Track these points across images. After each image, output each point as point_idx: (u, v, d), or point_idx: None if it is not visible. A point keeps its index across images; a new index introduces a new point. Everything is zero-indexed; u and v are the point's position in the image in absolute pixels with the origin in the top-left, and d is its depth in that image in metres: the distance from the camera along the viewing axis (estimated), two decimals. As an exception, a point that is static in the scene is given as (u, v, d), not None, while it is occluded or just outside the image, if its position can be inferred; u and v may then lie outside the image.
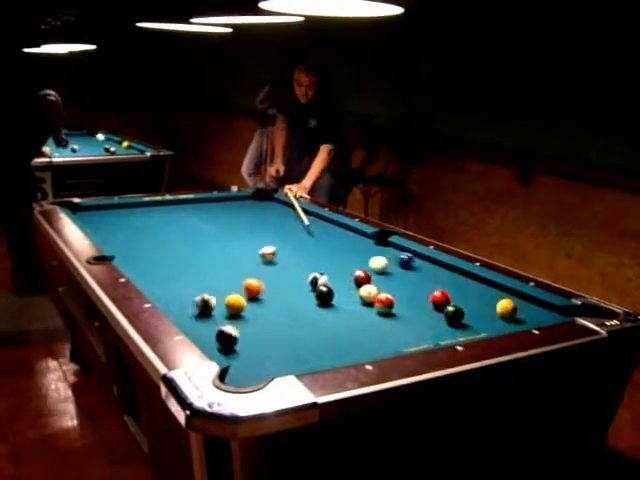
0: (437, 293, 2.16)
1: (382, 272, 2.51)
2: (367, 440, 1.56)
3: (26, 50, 6.08)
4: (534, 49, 4.31)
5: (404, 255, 2.70)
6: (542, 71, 4.29)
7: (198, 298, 2.03)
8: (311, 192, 3.97)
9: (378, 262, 2.53)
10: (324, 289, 2.18)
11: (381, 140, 5.45)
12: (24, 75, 4.58)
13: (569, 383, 1.89)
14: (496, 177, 4.71)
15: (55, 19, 6.43)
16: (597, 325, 1.91)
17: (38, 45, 6.05)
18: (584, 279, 4.08)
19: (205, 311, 2.02)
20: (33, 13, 6.48)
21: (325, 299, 2.17)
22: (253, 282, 2.21)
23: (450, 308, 2.03)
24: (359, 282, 2.30)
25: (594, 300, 2.14)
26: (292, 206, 3.55)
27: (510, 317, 2.05)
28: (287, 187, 3.84)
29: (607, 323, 1.92)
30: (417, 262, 2.66)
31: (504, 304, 2.06)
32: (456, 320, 2.00)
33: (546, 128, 4.32)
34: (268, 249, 2.63)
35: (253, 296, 2.19)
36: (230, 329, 1.78)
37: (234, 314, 2.03)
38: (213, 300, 2.03)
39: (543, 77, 4.30)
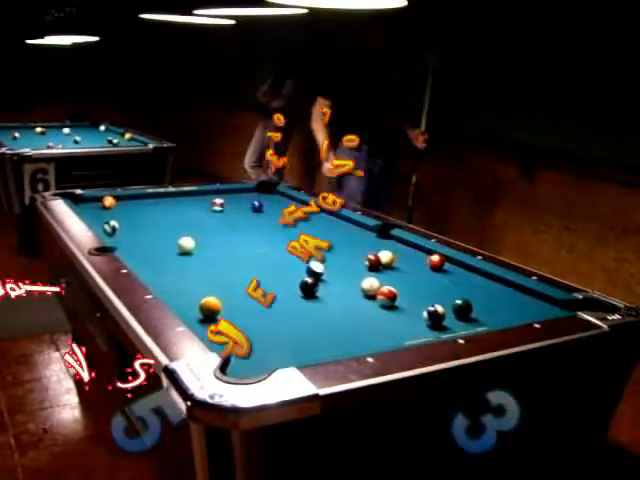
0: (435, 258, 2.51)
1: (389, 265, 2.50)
2: (368, 432, 1.56)
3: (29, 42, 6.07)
4: (538, 45, 4.29)
5: (256, 201, 3.25)
6: (546, 67, 4.27)
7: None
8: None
9: (385, 256, 2.52)
10: (309, 280, 2.18)
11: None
12: None
13: (570, 377, 1.89)
14: (499, 172, 4.69)
15: (58, 10, 6.43)
16: (599, 319, 1.90)
17: (41, 36, 6.06)
18: (586, 274, 4.07)
19: (111, 233, 2.58)
20: (36, 4, 6.48)
21: (309, 288, 2.17)
22: (210, 301, 1.94)
23: (458, 301, 2.02)
24: (371, 265, 2.45)
25: (596, 294, 2.14)
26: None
27: (390, 266, 2.48)
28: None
29: (609, 317, 1.92)
30: (418, 255, 2.66)
31: (389, 255, 2.49)
32: (465, 314, 2.00)
33: (550, 124, 4.29)
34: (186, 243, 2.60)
35: (209, 314, 1.92)
36: (439, 307, 1.92)
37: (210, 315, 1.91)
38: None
39: (547, 73, 4.28)
